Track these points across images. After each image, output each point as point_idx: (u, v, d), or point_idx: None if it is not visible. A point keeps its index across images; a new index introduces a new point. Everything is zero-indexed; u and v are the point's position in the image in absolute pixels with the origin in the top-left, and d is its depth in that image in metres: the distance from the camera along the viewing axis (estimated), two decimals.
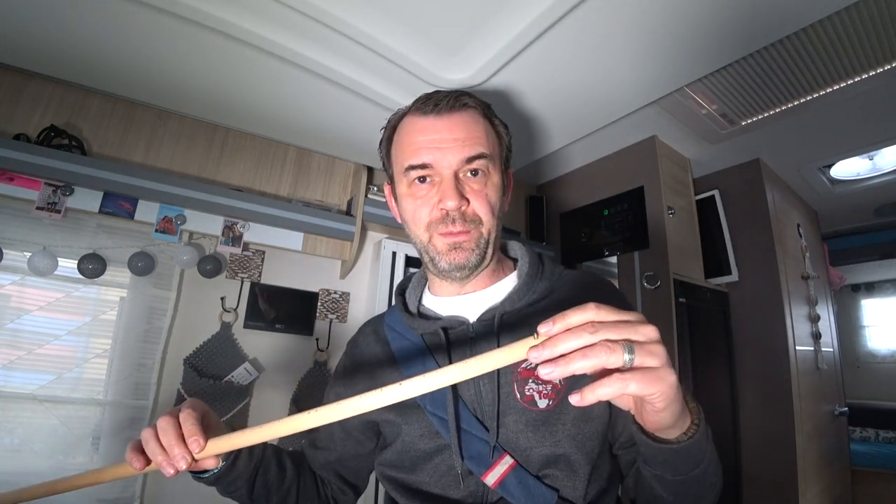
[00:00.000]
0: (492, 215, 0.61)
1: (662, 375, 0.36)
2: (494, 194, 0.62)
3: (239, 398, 1.34)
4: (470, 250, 0.61)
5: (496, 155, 0.64)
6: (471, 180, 0.61)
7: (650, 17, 0.92)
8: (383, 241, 1.65)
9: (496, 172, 0.63)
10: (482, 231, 0.61)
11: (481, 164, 0.61)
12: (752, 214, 1.78)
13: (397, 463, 0.64)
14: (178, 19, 0.93)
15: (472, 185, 0.61)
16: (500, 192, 0.63)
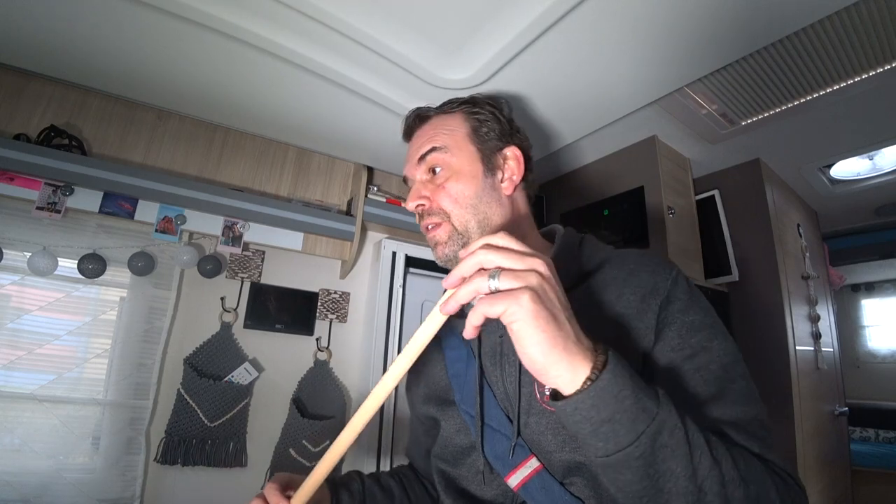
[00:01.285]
0: (457, 204, 0.62)
1: (517, 295, 0.35)
2: (458, 183, 0.62)
3: (239, 398, 1.34)
4: (444, 243, 0.62)
5: (467, 150, 0.64)
6: (431, 179, 0.64)
7: (650, 17, 0.92)
8: (383, 241, 1.65)
9: (466, 160, 0.64)
10: (453, 223, 0.62)
11: (434, 159, 0.64)
12: (752, 214, 1.78)
13: (442, 455, 0.66)
14: (178, 19, 0.93)
15: (432, 183, 0.64)
16: (475, 178, 0.63)
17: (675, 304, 0.53)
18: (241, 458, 1.34)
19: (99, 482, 1.18)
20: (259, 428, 1.40)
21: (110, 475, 1.19)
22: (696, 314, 0.52)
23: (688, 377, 0.49)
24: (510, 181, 0.65)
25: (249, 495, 0.60)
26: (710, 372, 0.50)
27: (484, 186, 0.63)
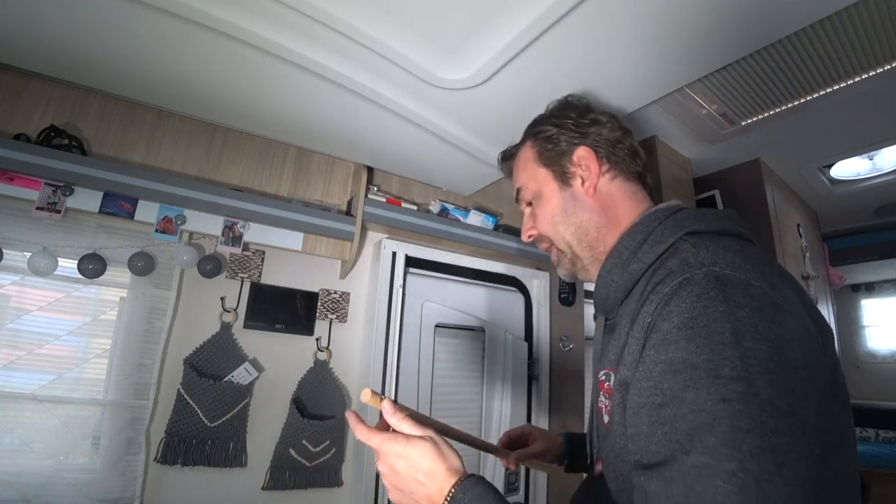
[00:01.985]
0: (550, 225, 0.67)
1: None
2: (546, 208, 0.68)
3: (239, 398, 1.34)
4: (558, 264, 0.70)
5: (539, 175, 0.69)
6: (529, 211, 0.72)
7: (650, 17, 0.92)
8: (383, 241, 1.65)
9: (542, 183, 0.68)
10: (556, 244, 0.68)
11: (523, 196, 0.72)
12: (752, 214, 1.78)
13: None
14: (178, 19, 0.93)
15: (532, 214, 0.71)
16: (553, 195, 0.67)
17: (655, 335, 0.44)
18: (241, 458, 1.34)
19: (99, 482, 1.18)
20: (259, 428, 1.40)
21: (110, 475, 1.19)
22: (683, 349, 0.40)
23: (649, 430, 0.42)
24: (590, 182, 0.65)
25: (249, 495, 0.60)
26: (675, 431, 0.40)
27: (565, 199, 0.66)
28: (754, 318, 0.40)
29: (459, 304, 1.82)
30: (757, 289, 0.42)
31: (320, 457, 1.43)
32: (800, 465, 0.36)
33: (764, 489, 0.35)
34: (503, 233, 1.88)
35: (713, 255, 0.45)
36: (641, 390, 0.43)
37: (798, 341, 0.41)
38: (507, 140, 1.43)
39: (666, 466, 0.39)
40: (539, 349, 1.94)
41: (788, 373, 0.39)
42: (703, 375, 0.39)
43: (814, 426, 0.39)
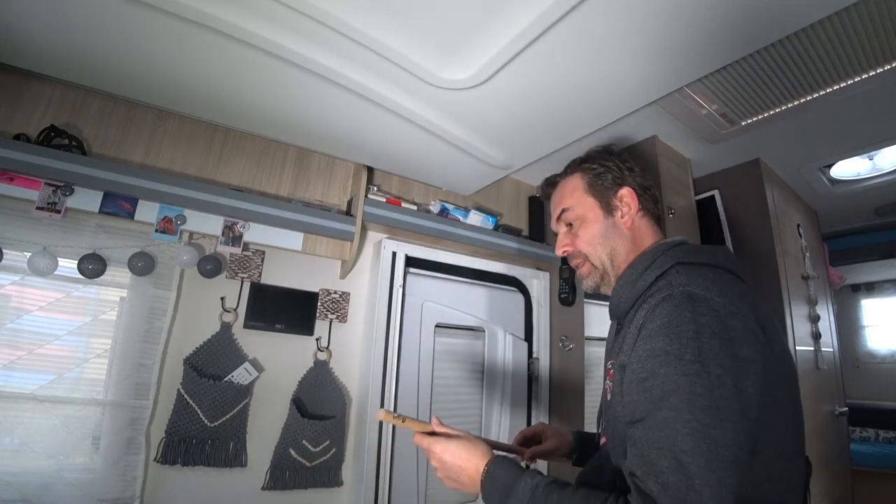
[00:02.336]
0: (590, 245, 0.82)
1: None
2: (589, 230, 0.82)
3: (239, 398, 1.34)
4: (587, 276, 0.84)
5: (587, 203, 0.84)
6: (568, 230, 0.85)
7: (650, 18, 0.92)
8: (383, 241, 1.65)
9: (588, 209, 0.83)
10: (591, 261, 0.82)
11: (566, 216, 0.85)
12: (752, 214, 1.78)
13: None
14: (178, 19, 0.93)
15: (571, 233, 0.85)
16: (598, 221, 0.82)
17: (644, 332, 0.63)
18: (241, 458, 1.34)
19: (99, 482, 1.18)
20: (259, 428, 1.40)
21: (110, 475, 1.19)
22: (661, 341, 0.59)
23: (637, 398, 0.60)
24: (629, 216, 0.82)
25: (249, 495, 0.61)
26: (652, 395, 0.58)
27: (606, 226, 0.82)
28: (712, 323, 0.58)
29: (459, 304, 1.82)
30: (717, 303, 0.59)
31: (320, 457, 1.43)
32: (737, 422, 0.54)
33: (708, 433, 0.53)
34: (503, 233, 1.88)
35: (689, 280, 0.63)
36: (633, 370, 0.62)
37: (744, 340, 0.58)
38: (508, 140, 1.44)
39: (645, 419, 0.57)
40: (539, 349, 1.94)
41: (734, 360, 0.56)
42: (672, 358, 0.57)
43: (751, 396, 0.56)
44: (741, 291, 0.63)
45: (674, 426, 0.54)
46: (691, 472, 0.51)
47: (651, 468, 0.54)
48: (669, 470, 0.52)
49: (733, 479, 0.51)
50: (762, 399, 0.56)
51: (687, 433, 0.53)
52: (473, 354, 1.86)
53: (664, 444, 0.54)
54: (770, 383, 0.58)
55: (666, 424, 0.54)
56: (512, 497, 0.65)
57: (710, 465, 0.51)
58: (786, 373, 0.62)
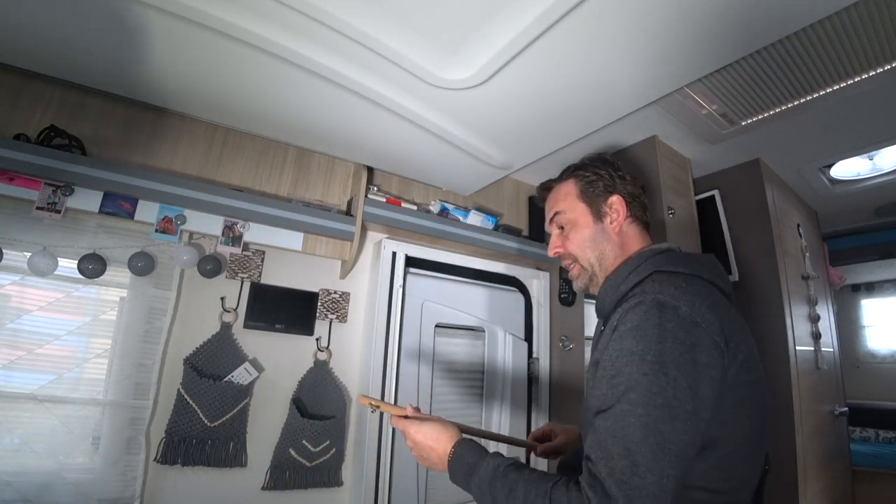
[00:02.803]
0: (580, 248, 0.87)
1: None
2: (580, 234, 0.88)
3: (239, 398, 1.34)
4: (577, 277, 0.89)
5: (579, 208, 0.89)
6: (560, 233, 0.91)
7: (650, 18, 0.92)
8: (383, 241, 1.65)
9: (580, 214, 0.88)
10: (580, 263, 0.88)
11: (558, 219, 0.91)
12: (752, 214, 1.78)
13: None
14: (178, 19, 0.93)
15: (562, 235, 0.90)
16: (588, 226, 0.88)
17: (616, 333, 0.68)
18: (241, 458, 1.34)
19: (99, 482, 1.18)
20: (259, 428, 1.40)
21: (110, 475, 1.20)
22: (629, 342, 0.65)
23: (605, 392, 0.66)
24: (617, 222, 0.86)
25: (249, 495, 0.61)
26: (616, 390, 0.63)
27: (596, 231, 0.87)
28: (676, 329, 0.63)
29: (459, 304, 1.82)
30: (684, 311, 0.65)
31: (320, 457, 1.43)
32: (687, 420, 0.60)
33: (657, 427, 0.58)
34: (503, 233, 1.88)
35: (661, 288, 0.68)
36: (604, 367, 0.67)
37: (705, 347, 0.63)
38: (508, 140, 1.44)
39: (608, 410, 0.63)
40: (539, 349, 1.94)
41: (693, 365, 0.62)
42: (636, 358, 0.63)
43: (706, 399, 0.62)
44: (711, 302, 0.68)
45: (628, 419, 0.60)
46: (637, 460, 0.57)
47: (604, 452, 0.60)
48: (619, 456, 0.58)
49: (676, 471, 0.57)
50: (718, 401, 0.63)
51: (639, 426, 0.59)
52: (473, 354, 1.86)
53: (618, 434, 0.60)
54: (728, 388, 0.64)
55: (622, 416, 0.61)
56: (475, 475, 0.72)
57: (656, 456, 0.57)
58: (746, 377, 0.67)
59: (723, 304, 0.71)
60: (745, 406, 0.67)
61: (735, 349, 0.67)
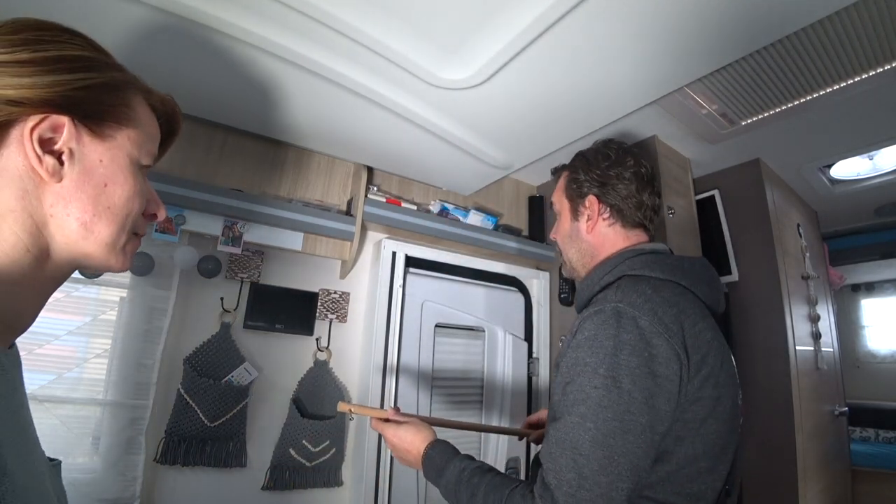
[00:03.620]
0: (561, 241, 0.93)
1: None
2: (560, 227, 0.93)
3: (239, 398, 1.34)
4: (562, 266, 0.96)
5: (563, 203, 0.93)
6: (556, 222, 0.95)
7: (650, 17, 0.92)
8: (383, 241, 1.65)
9: (563, 209, 0.92)
10: (563, 257, 0.94)
11: (554, 209, 0.96)
12: (752, 214, 1.78)
13: None
14: (177, 18, 0.93)
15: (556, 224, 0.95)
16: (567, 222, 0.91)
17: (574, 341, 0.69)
18: (241, 458, 1.34)
19: (99, 482, 1.18)
20: (259, 428, 1.40)
21: (110, 475, 1.19)
22: (584, 353, 0.65)
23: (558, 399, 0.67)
24: (591, 222, 0.87)
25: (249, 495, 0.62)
26: (567, 399, 0.64)
27: (572, 228, 0.90)
28: (633, 341, 0.62)
29: (459, 304, 1.82)
30: (643, 321, 0.63)
31: (320, 457, 1.43)
32: (640, 434, 0.59)
33: (606, 441, 0.58)
34: (503, 233, 1.88)
35: (623, 296, 0.67)
36: (562, 374, 0.68)
37: (665, 359, 0.62)
38: (508, 140, 1.44)
39: (558, 420, 0.64)
40: (539, 349, 1.94)
41: (651, 378, 0.61)
42: (589, 370, 0.63)
43: (663, 413, 0.61)
44: (678, 311, 0.66)
45: (577, 431, 0.60)
46: (585, 473, 0.58)
47: (554, 464, 0.61)
48: (567, 468, 0.59)
49: (626, 484, 0.58)
50: (675, 415, 0.62)
51: (588, 439, 0.59)
52: (473, 354, 1.86)
53: (567, 446, 0.61)
54: (689, 402, 0.63)
55: (572, 428, 0.61)
56: (443, 477, 0.75)
57: (604, 470, 0.58)
58: (710, 393, 0.65)
59: (693, 314, 0.69)
60: (707, 424, 0.65)
61: (700, 362, 0.65)
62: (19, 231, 0.41)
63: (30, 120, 0.40)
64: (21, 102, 0.40)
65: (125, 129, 0.47)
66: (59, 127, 0.42)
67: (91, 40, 0.49)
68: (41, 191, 0.42)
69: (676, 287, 0.71)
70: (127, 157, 0.47)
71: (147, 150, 0.51)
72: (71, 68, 0.44)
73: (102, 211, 0.45)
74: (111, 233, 0.46)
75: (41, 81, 0.41)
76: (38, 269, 0.43)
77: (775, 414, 1.58)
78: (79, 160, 0.43)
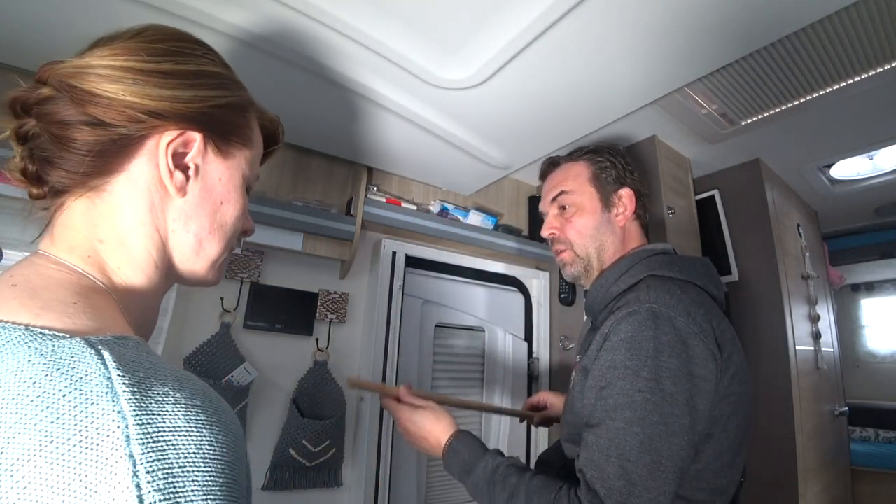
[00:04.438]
0: (580, 235, 0.83)
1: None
2: (584, 219, 0.83)
3: (238, 398, 1.34)
4: (569, 264, 0.85)
5: (588, 192, 0.84)
6: (560, 213, 0.86)
7: (650, 17, 0.92)
8: (383, 240, 1.65)
9: (588, 199, 0.84)
10: (576, 250, 0.84)
11: (563, 199, 0.86)
12: (752, 214, 1.78)
13: None
14: (176, 18, 0.93)
15: (562, 216, 0.86)
16: (595, 213, 0.83)
17: (608, 343, 0.67)
18: None
19: None
20: (259, 428, 1.40)
21: None
22: (622, 355, 0.63)
23: (594, 404, 0.65)
24: (623, 216, 0.83)
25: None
26: (606, 404, 0.63)
27: (602, 220, 0.83)
28: (672, 342, 0.62)
29: (459, 304, 1.82)
30: (680, 322, 0.63)
31: (320, 457, 1.43)
32: (684, 436, 0.59)
33: (653, 445, 0.58)
34: (503, 233, 1.88)
35: (656, 296, 0.66)
36: (595, 377, 0.66)
37: (702, 359, 0.62)
38: (508, 140, 1.44)
39: (598, 426, 0.63)
40: (539, 349, 1.93)
41: (690, 379, 0.61)
42: (630, 373, 0.62)
43: (701, 413, 0.61)
44: (706, 311, 0.67)
45: (623, 437, 0.59)
46: (634, 479, 0.57)
47: (599, 472, 0.60)
48: (615, 476, 0.58)
49: (672, 487, 0.58)
50: (709, 415, 0.63)
51: (635, 444, 0.58)
52: (473, 354, 1.86)
53: (613, 453, 0.59)
54: (718, 399, 0.64)
55: (616, 434, 0.60)
56: (473, 474, 0.70)
57: (652, 475, 0.57)
58: (737, 390, 0.67)
59: (716, 312, 0.70)
60: (732, 419, 0.66)
61: (727, 359, 0.66)
62: (149, 245, 0.41)
63: (166, 134, 0.40)
64: (161, 115, 0.39)
65: (245, 149, 0.48)
66: (191, 142, 0.42)
67: (220, 56, 0.49)
68: (165, 205, 0.41)
69: (694, 287, 0.71)
70: (241, 177, 0.48)
71: (255, 170, 0.51)
72: (209, 84, 0.44)
73: (216, 229, 0.45)
74: (219, 250, 0.46)
75: (182, 95, 0.40)
76: (162, 283, 0.43)
77: (775, 414, 1.58)
78: (202, 177, 0.43)
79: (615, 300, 0.74)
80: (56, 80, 0.38)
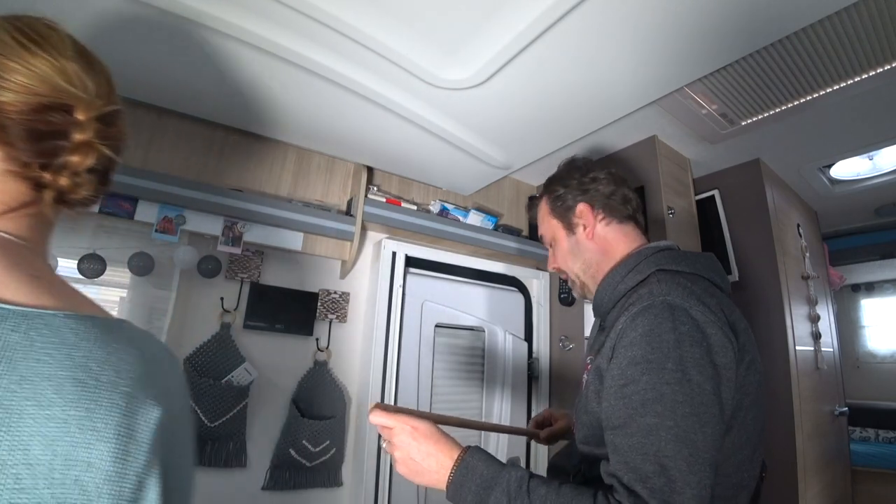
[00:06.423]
0: (565, 262, 0.90)
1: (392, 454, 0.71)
2: (562, 252, 0.91)
3: (238, 398, 1.34)
4: (573, 287, 0.93)
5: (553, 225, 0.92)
6: (550, 250, 0.95)
7: (650, 17, 0.92)
8: (383, 241, 1.65)
9: (559, 234, 0.91)
10: (569, 275, 0.91)
11: (544, 241, 0.96)
12: (752, 214, 1.78)
13: None
14: (176, 18, 0.93)
15: (551, 252, 0.95)
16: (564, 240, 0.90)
17: (625, 340, 0.64)
18: (241, 458, 1.34)
19: None
20: (259, 428, 1.40)
21: None
22: (642, 350, 0.61)
23: (616, 403, 0.63)
24: (589, 229, 0.87)
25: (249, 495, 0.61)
26: (632, 401, 0.60)
27: (571, 243, 0.89)
28: (692, 332, 0.61)
29: (459, 304, 1.82)
30: (696, 312, 0.62)
31: (320, 457, 1.43)
32: (715, 425, 0.58)
33: (689, 438, 0.56)
34: (503, 233, 1.88)
35: (668, 289, 0.65)
36: (613, 376, 0.64)
37: (721, 347, 0.61)
38: (507, 140, 1.44)
39: (625, 426, 0.60)
40: (539, 349, 1.94)
41: (714, 368, 0.60)
42: (655, 367, 0.59)
43: (726, 402, 0.60)
44: (718, 301, 0.66)
45: (657, 433, 0.57)
46: (674, 475, 0.55)
47: (636, 474, 0.57)
48: (654, 475, 0.56)
49: (710, 479, 0.56)
50: (732, 404, 0.62)
51: (670, 439, 0.56)
52: (473, 355, 1.86)
53: (648, 451, 0.57)
54: (737, 389, 0.63)
55: (649, 431, 0.57)
56: (496, 488, 0.61)
57: (692, 468, 0.55)
58: (753, 380, 0.66)
59: (727, 303, 0.70)
60: (749, 411, 0.65)
61: (742, 349, 0.65)
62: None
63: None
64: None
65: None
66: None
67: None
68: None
69: (703, 280, 0.71)
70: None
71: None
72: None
73: None
74: None
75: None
76: None
77: (775, 414, 1.58)
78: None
79: (625, 297, 0.74)
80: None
